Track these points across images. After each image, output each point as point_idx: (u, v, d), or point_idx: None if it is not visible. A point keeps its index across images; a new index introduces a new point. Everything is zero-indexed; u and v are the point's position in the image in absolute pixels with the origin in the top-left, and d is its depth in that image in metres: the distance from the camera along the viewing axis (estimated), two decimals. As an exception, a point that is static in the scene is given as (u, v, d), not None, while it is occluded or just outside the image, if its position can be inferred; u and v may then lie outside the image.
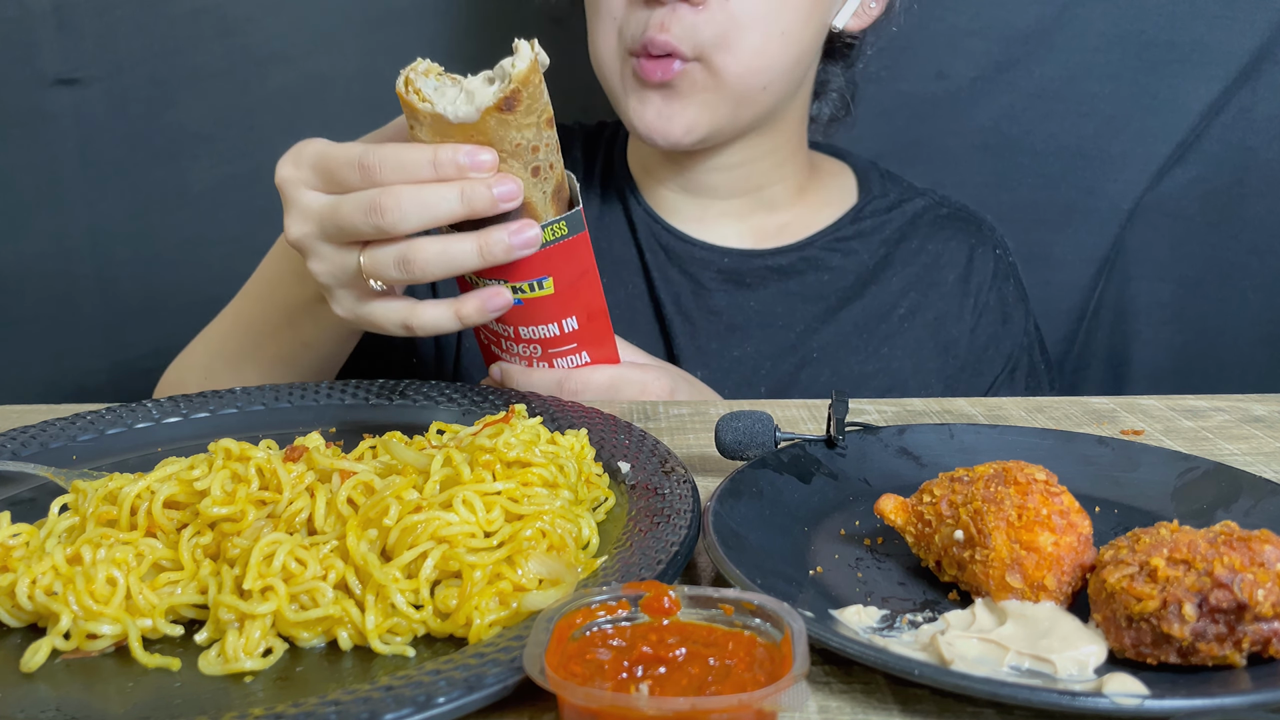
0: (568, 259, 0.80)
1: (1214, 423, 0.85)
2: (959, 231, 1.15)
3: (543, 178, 0.77)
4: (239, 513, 0.57)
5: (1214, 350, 1.38)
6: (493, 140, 0.73)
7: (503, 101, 0.72)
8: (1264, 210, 1.33)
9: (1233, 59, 1.28)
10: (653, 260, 1.11)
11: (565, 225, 0.79)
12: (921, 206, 1.16)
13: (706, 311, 1.09)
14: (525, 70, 0.71)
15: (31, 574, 0.54)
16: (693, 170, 1.09)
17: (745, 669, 0.44)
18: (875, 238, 1.13)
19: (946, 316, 1.12)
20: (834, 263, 1.11)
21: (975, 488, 0.57)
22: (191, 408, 0.83)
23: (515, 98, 0.72)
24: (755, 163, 1.09)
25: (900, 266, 1.12)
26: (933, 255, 1.13)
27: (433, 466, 0.59)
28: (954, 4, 1.29)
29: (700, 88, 0.98)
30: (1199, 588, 0.48)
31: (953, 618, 0.53)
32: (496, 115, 0.72)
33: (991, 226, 1.18)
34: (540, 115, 0.74)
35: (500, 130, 0.73)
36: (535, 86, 0.73)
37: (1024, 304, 1.16)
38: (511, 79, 0.71)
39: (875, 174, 1.19)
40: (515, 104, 0.72)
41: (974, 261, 1.14)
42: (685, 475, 0.67)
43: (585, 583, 0.55)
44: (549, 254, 0.79)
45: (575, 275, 0.82)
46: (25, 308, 1.41)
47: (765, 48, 0.97)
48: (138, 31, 1.32)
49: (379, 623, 0.52)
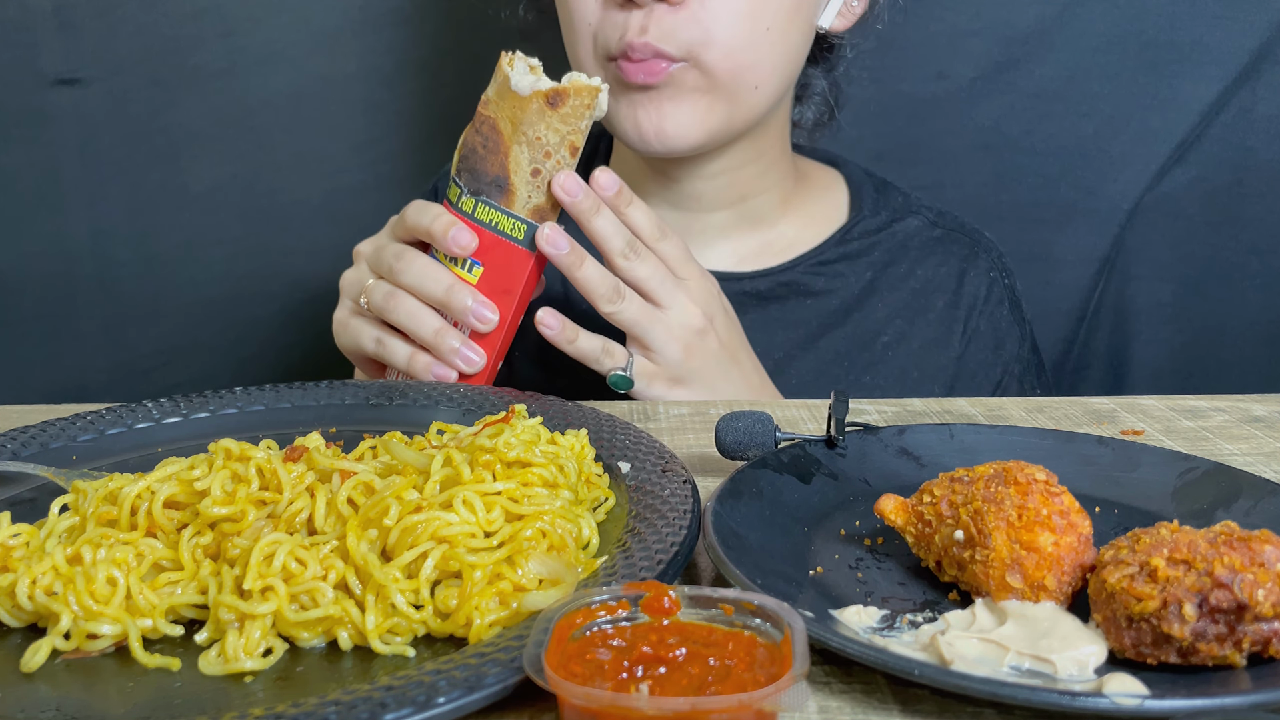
0: (504, 263, 0.86)
1: (1214, 423, 0.85)
2: (951, 255, 1.12)
3: (537, 183, 0.84)
4: (239, 513, 0.57)
5: (1214, 350, 1.38)
6: (525, 120, 0.83)
7: (551, 93, 0.83)
8: (1264, 210, 1.33)
9: (1233, 59, 1.28)
10: None
11: (524, 230, 0.84)
12: (914, 227, 1.12)
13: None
14: (583, 85, 0.83)
15: (31, 574, 0.54)
16: (678, 180, 1.06)
17: (745, 669, 0.44)
18: (862, 261, 1.10)
19: (933, 342, 1.08)
20: (817, 287, 1.08)
21: (975, 488, 0.57)
22: (191, 408, 0.83)
23: (562, 97, 0.83)
24: (742, 169, 1.07)
25: (886, 292, 1.09)
26: (922, 280, 1.10)
27: (433, 466, 0.59)
28: (954, 4, 1.29)
29: (691, 88, 0.96)
30: (1199, 588, 0.48)
31: (953, 618, 0.53)
32: (541, 102, 0.83)
33: (989, 245, 1.14)
34: (569, 134, 0.84)
35: (535, 118, 0.83)
36: (582, 107, 0.83)
37: (1020, 327, 1.13)
38: (570, 84, 0.83)
39: (869, 187, 1.15)
40: (559, 103, 0.83)
41: (964, 286, 1.10)
42: (685, 475, 0.67)
43: (585, 583, 0.55)
44: (494, 243, 0.85)
45: (502, 285, 0.86)
46: (25, 308, 1.41)
47: (752, 44, 0.95)
48: (138, 31, 1.32)
49: (379, 623, 0.52)
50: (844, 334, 1.08)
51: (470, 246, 0.85)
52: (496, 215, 0.85)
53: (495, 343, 0.88)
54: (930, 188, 1.31)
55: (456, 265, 0.86)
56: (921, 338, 1.08)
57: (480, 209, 0.86)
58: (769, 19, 0.95)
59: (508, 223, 0.83)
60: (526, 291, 0.88)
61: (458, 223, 0.85)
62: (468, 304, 0.85)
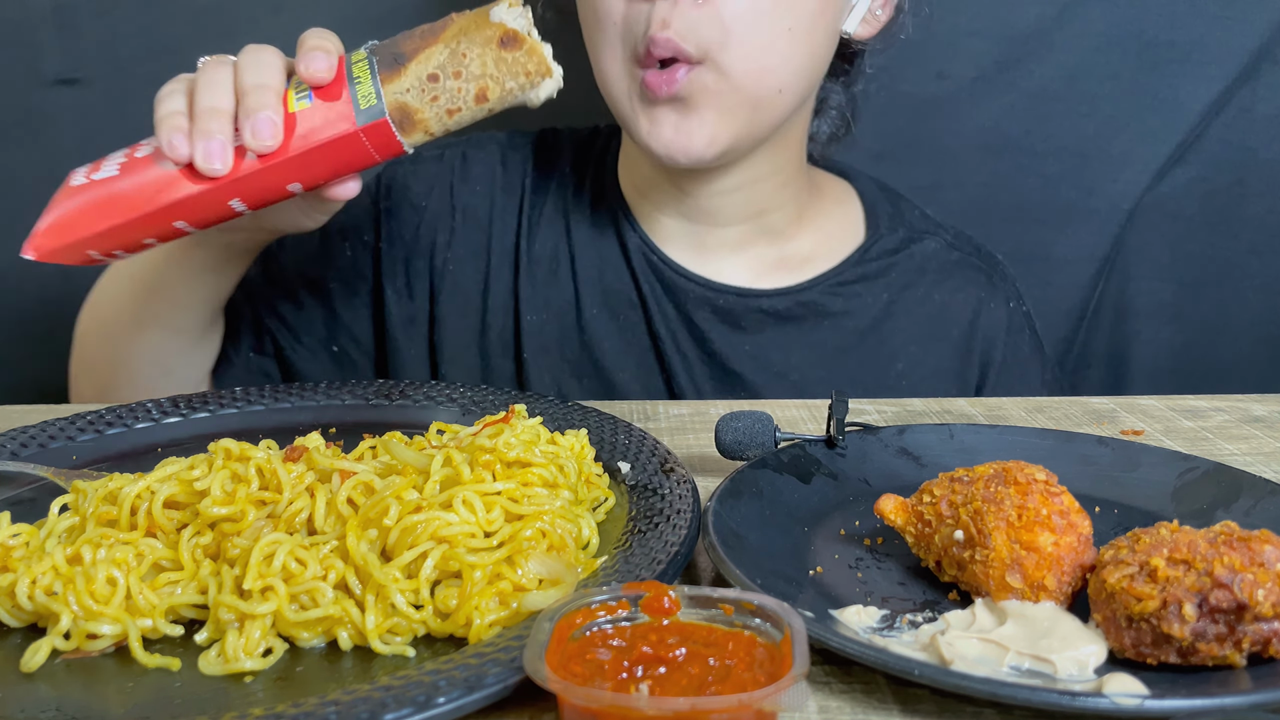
0: (327, 115, 0.75)
1: (1214, 423, 0.85)
2: (969, 281, 1.10)
3: (426, 86, 0.76)
4: (239, 513, 0.57)
5: (1214, 350, 1.38)
6: (470, 36, 0.77)
7: (510, 34, 0.76)
8: (1264, 210, 1.33)
9: (1233, 59, 1.28)
10: (649, 292, 1.05)
11: (372, 104, 0.75)
12: (931, 249, 1.10)
13: (703, 353, 1.05)
14: (543, 55, 0.77)
15: (31, 574, 0.54)
16: (694, 194, 1.03)
17: (745, 669, 0.44)
18: (879, 282, 1.07)
19: (946, 373, 1.07)
20: (835, 308, 1.05)
21: (975, 488, 0.57)
22: (191, 408, 0.83)
23: (516, 42, 0.77)
24: (758, 184, 1.04)
25: (903, 317, 1.07)
26: (938, 306, 1.08)
27: (433, 466, 0.59)
28: (954, 4, 1.29)
29: (712, 93, 0.93)
30: (1199, 588, 0.48)
31: (953, 618, 0.53)
32: (496, 32, 0.77)
33: (1004, 273, 1.13)
34: (492, 77, 0.77)
35: (480, 41, 0.77)
36: (522, 68, 0.77)
37: (1040, 354, 1.12)
38: (532, 41, 0.77)
39: (884, 204, 1.13)
40: (510, 45, 0.76)
41: (981, 318, 1.08)
42: (685, 475, 0.67)
43: (585, 583, 0.55)
44: (338, 94, 0.76)
45: (308, 129, 0.74)
46: (25, 308, 1.41)
47: (773, 44, 0.92)
48: (138, 31, 1.32)
49: (379, 623, 0.52)
50: (859, 359, 1.05)
51: (319, 74, 0.75)
52: (365, 75, 0.77)
53: (245, 170, 0.74)
54: (930, 188, 1.31)
55: (294, 88, 0.76)
56: (934, 366, 1.07)
57: (359, 64, 0.78)
58: (792, 19, 0.93)
59: (367, 87, 0.75)
60: (323, 156, 0.76)
61: (329, 49, 0.77)
62: (265, 103, 0.74)
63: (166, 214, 0.74)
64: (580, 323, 1.05)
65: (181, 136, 0.73)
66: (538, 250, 1.07)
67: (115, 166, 0.77)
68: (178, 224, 0.75)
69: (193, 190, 0.74)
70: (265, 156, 0.74)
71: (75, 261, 0.76)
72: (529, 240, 1.07)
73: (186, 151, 0.73)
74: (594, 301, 1.06)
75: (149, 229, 0.75)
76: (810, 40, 0.96)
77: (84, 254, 0.76)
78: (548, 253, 1.07)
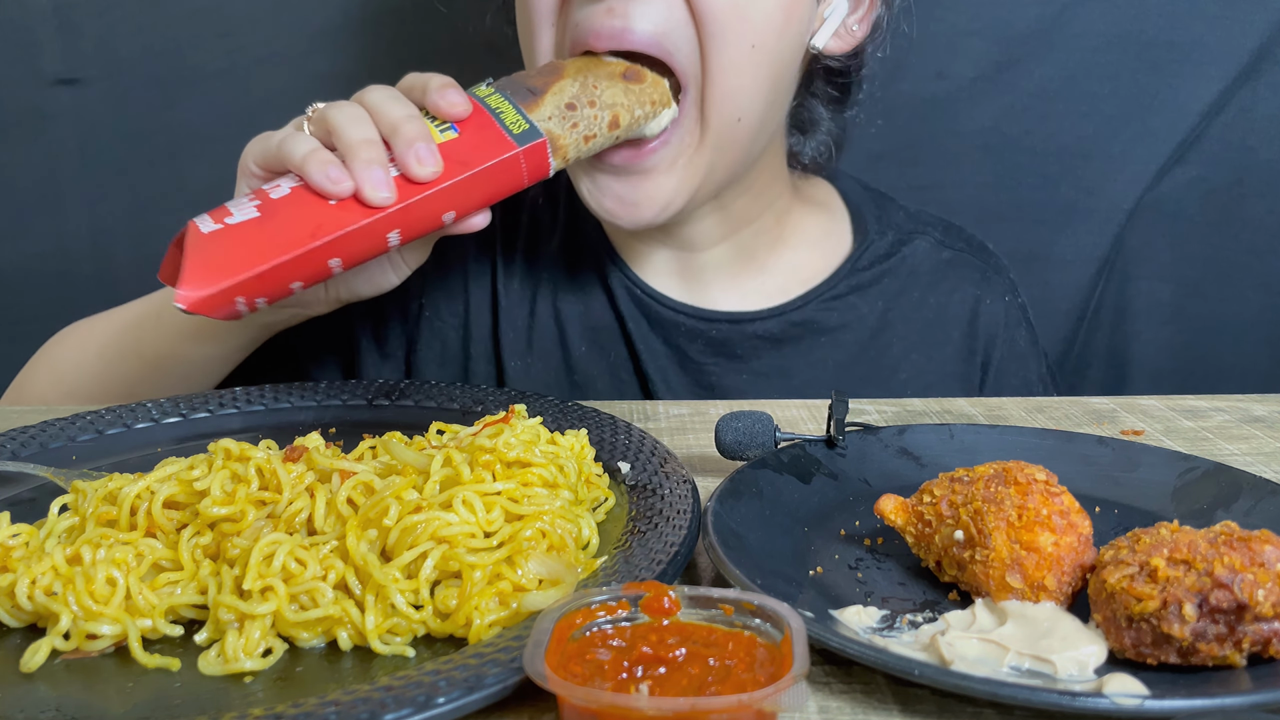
0: (481, 140, 0.75)
1: (1214, 423, 0.85)
2: (964, 280, 1.07)
3: (566, 113, 0.79)
4: (239, 513, 0.57)
5: (1214, 350, 1.38)
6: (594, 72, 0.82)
7: (629, 69, 0.83)
8: (1264, 210, 1.33)
9: (1233, 59, 1.28)
10: (635, 329, 1.01)
11: (525, 127, 0.76)
12: (922, 250, 1.07)
13: (697, 386, 1.01)
14: (660, 80, 0.84)
15: (31, 574, 0.54)
16: (666, 226, 0.96)
17: (745, 669, 0.44)
18: (873, 290, 1.04)
19: (950, 377, 1.05)
20: (831, 322, 1.02)
21: (975, 488, 0.57)
22: (191, 408, 0.83)
23: (638, 76, 0.83)
24: (727, 207, 0.99)
25: (901, 325, 1.04)
26: (935, 310, 1.05)
27: (433, 466, 0.59)
28: (954, 4, 1.29)
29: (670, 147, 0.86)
30: (1199, 588, 0.48)
31: (953, 618, 0.53)
32: (617, 68, 0.83)
33: (997, 264, 1.11)
34: (623, 105, 0.82)
35: (605, 76, 0.82)
36: (648, 96, 0.83)
37: (1036, 347, 1.11)
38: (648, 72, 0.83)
39: (869, 205, 1.10)
40: (634, 79, 0.82)
41: (980, 316, 1.06)
42: (685, 475, 0.67)
43: (585, 583, 0.55)
44: (483, 123, 0.76)
45: (463, 155, 0.74)
46: (25, 308, 1.41)
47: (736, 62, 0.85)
48: (138, 31, 1.32)
49: (379, 623, 0.52)
50: (861, 372, 1.03)
51: (458, 108, 0.75)
52: (505, 106, 0.77)
53: (412, 196, 0.73)
54: (930, 188, 1.31)
55: (431, 122, 0.76)
56: (938, 373, 1.05)
57: (493, 97, 0.77)
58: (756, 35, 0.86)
59: (513, 115, 0.75)
60: (483, 182, 0.75)
61: (456, 85, 0.76)
62: (421, 132, 0.73)
63: (323, 252, 0.71)
64: (569, 363, 1.02)
65: (338, 170, 0.71)
66: (516, 291, 1.03)
67: (252, 209, 0.72)
68: (331, 262, 0.72)
69: (353, 225, 0.71)
70: (424, 185, 0.72)
71: (220, 314, 0.70)
72: (506, 282, 1.03)
73: (349, 184, 0.70)
74: (581, 339, 1.02)
75: (301, 270, 0.71)
76: (776, 57, 0.89)
77: (231, 302, 0.69)
78: (528, 293, 1.03)
